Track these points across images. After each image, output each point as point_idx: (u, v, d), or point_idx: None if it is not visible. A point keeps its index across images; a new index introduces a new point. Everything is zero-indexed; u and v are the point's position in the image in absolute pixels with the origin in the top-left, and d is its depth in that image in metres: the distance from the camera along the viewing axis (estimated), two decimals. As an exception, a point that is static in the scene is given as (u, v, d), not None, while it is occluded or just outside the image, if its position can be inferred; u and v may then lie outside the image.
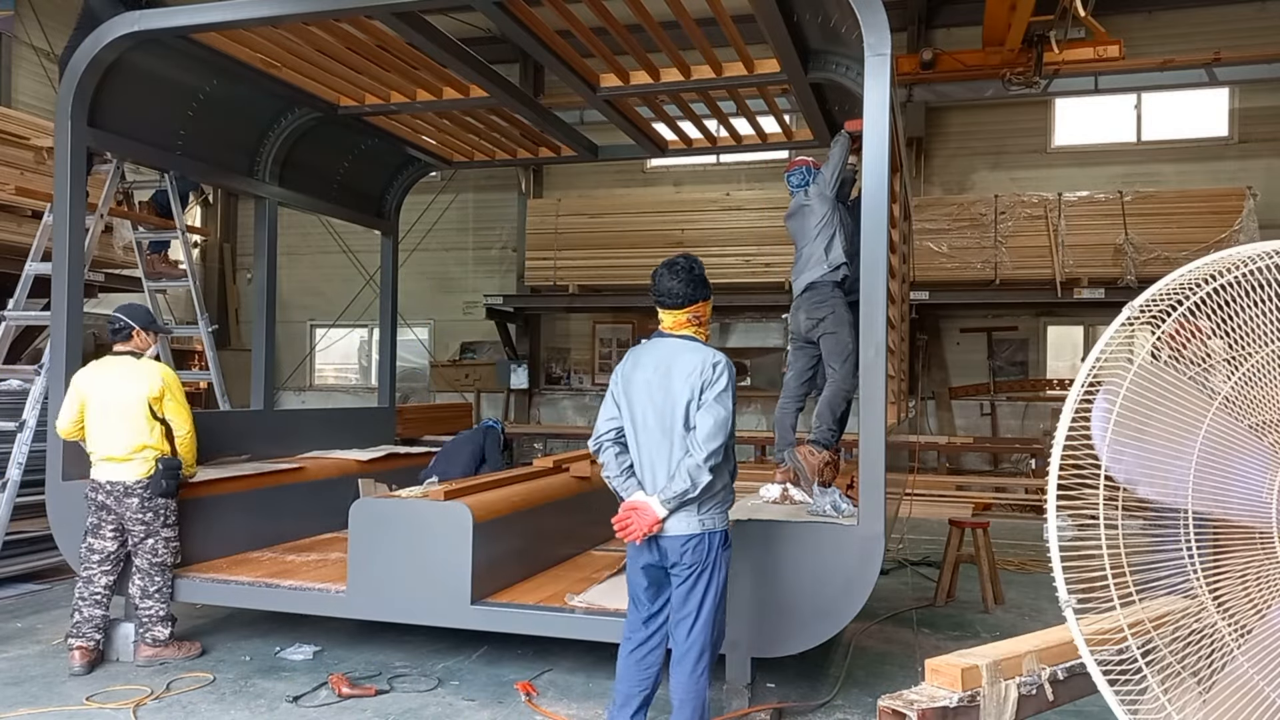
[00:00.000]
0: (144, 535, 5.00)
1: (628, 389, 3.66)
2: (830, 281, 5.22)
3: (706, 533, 3.53)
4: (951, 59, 12.37)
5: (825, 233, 5.25)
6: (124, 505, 4.95)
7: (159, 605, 5.04)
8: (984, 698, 2.61)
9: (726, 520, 3.64)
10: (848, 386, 5.13)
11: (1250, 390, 2.49)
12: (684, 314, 3.67)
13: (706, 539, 3.53)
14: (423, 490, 5.16)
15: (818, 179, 5.37)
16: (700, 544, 3.52)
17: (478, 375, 15.36)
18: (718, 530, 3.57)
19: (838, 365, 5.15)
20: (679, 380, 3.54)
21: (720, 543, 3.59)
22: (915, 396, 12.51)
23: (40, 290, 6.08)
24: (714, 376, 3.51)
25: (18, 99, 12.98)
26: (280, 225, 7.56)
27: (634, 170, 15.26)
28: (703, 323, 3.73)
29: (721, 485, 3.60)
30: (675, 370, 3.56)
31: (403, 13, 5.10)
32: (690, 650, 3.55)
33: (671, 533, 3.52)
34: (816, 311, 5.23)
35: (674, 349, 3.63)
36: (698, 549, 3.52)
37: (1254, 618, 2.43)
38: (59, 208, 5.48)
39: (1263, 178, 12.60)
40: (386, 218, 8.65)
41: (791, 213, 5.52)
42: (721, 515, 3.60)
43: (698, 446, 3.46)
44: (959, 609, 6.52)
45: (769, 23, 5.14)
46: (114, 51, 5.37)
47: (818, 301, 5.24)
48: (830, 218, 5.27)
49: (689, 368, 3.54)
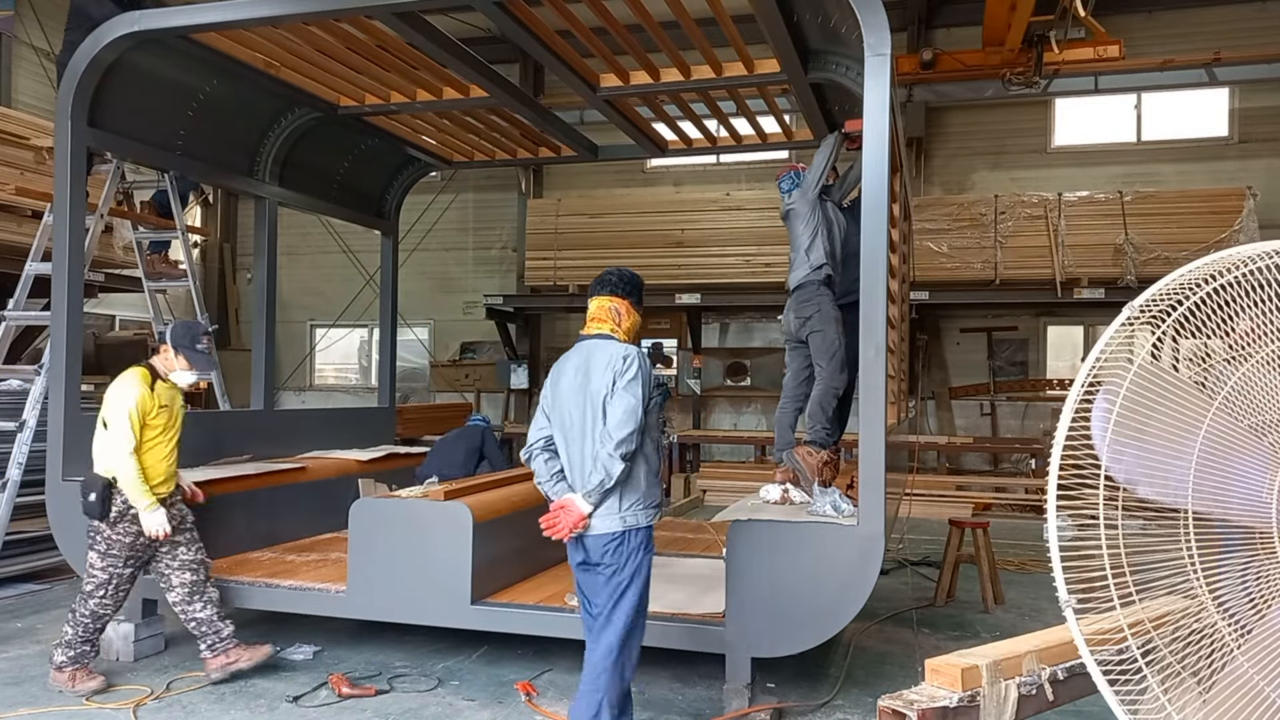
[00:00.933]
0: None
1: (555, 397, 3.72)
2: (815, 281, 5.26)
3: (628, 530, 3.56)
4: (951, 59, 12.37)
5: (807, 234, 5.29)
6: None
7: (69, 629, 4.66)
8: (984, 698, 2.61)
9: (651, 518, 3.64)
10: (836, 383, 5.19)
11: (1250, 390, 2.49)
12: (606, 302, 3.79)
13: (627, 537, 3.56)
14: (423, 490, 5.17)
15: (801, 181, 5.41)
16: (621, 543, 3.56)
17: (478, 375, 15.35)
18: (640, 528, 3.59)
19: (825, 363, 5.20)
20: (596, 376, 3.61)
21: (642, 542, 3.60)
22: (915, 396, 12.51)
23: (40, 290, 6.08)
24: (624, 367, 3.57)
25: (18, 99, 12.97)
26: (280, 225, 7.56)
27: (634, 170, 15.26)
28: (622, 324, 3.80)
29: (644, 480, 3.62)
30: (593, 368, 3.64)
31: (403, 13, 5.10)
32: (600, 645, 3.57)
33: (595, 531, 3.56)
34: (803, 311, 5.28)
35: (590, 349, 3.72)
36: (619, 548, 3.56)
37: (1254, 618, 2.43)
38: (59, 208, 5.48)
39: (1263, 178, 12.60)
40: (386, 218, 8.65)
41: (783, 216, 5.56)
42: (645, 512, 3.61)
43: (608, 436, 3.50)
44: (959, 609, 6.52)
45: (769, 23, 5.14)
46: (114, 51, 5.36)
47: (804, 300, 5.29)
48: (811, 218, 5.29)
49: (603, 362, 3.61)
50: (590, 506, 3.53)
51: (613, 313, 3.80)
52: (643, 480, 3.61)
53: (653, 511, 3.66)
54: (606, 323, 3.78)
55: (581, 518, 3.53)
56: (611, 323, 3.78)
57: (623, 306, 3.82)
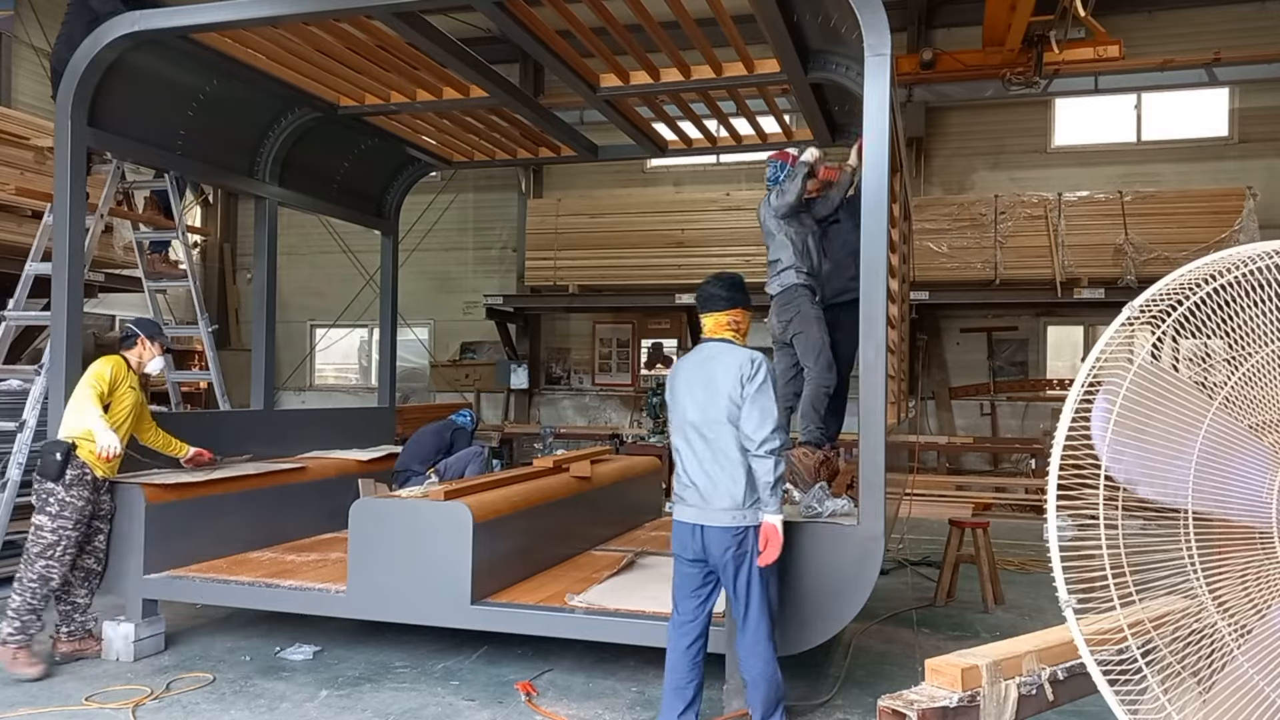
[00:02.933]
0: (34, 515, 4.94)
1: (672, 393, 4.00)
2: (792, 284, 5.34)
3: (746, 526, 3.76)
4: (951, 59, 12.37)
5: (778, 247, 5.41)
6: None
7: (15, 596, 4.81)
8: (984, 698, 2.61)
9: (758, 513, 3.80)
10: (825, 382, 5.27)
11: (1250, 390, 2.49)
12: (725, 317, 3.98)
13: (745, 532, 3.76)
14: (423, 490, 5.17)
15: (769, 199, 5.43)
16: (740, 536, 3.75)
17: (478, 375, 15.36)
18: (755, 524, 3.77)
19: (812, 363, 5.27)
20: (720, 378, 3.81)
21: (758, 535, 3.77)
22: (915, 396, 12.51)
23: (40, 290, 6.08)
24: (752, 371, 3.77)
25: (18, 99, 12.97)
26: (280, 225, 7.56)
27: (634, 170, 15.25)
28: (740, 330, 4.01)
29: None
30: (720, 370, 3.84)
31: (403, 13, 5.10)
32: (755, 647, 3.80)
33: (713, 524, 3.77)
34: (784, 314, 5.40)
35: (713, 351, 3.94)
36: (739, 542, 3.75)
37: (1254, 618, 2.43)
38: (59, 208, 5.48)
39: (1263, 178, 12.59)
40: (386, 218, 8.65)
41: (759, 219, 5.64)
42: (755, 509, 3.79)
43: (750, 440, 3.71)
44: (959, 609, 6.52)
45: (769, 23, 5.14)
46: (114, 51, 5.36)
47: (784, 305, 5.39)
48: (778, 234, 5.40)
49: (735, 365, 3.81)
50: (775, 511, 3.72)
51: (732, 323, 4.02)
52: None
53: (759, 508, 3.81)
54: (729, 332, 4.01)
55: (777, 527, 3.72)
56: (734, 331, 4.01)
57: (740, 315, 4.03)
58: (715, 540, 3.75)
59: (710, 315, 4.02)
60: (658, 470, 8.21)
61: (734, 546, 3.74)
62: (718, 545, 3.75)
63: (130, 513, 5.18)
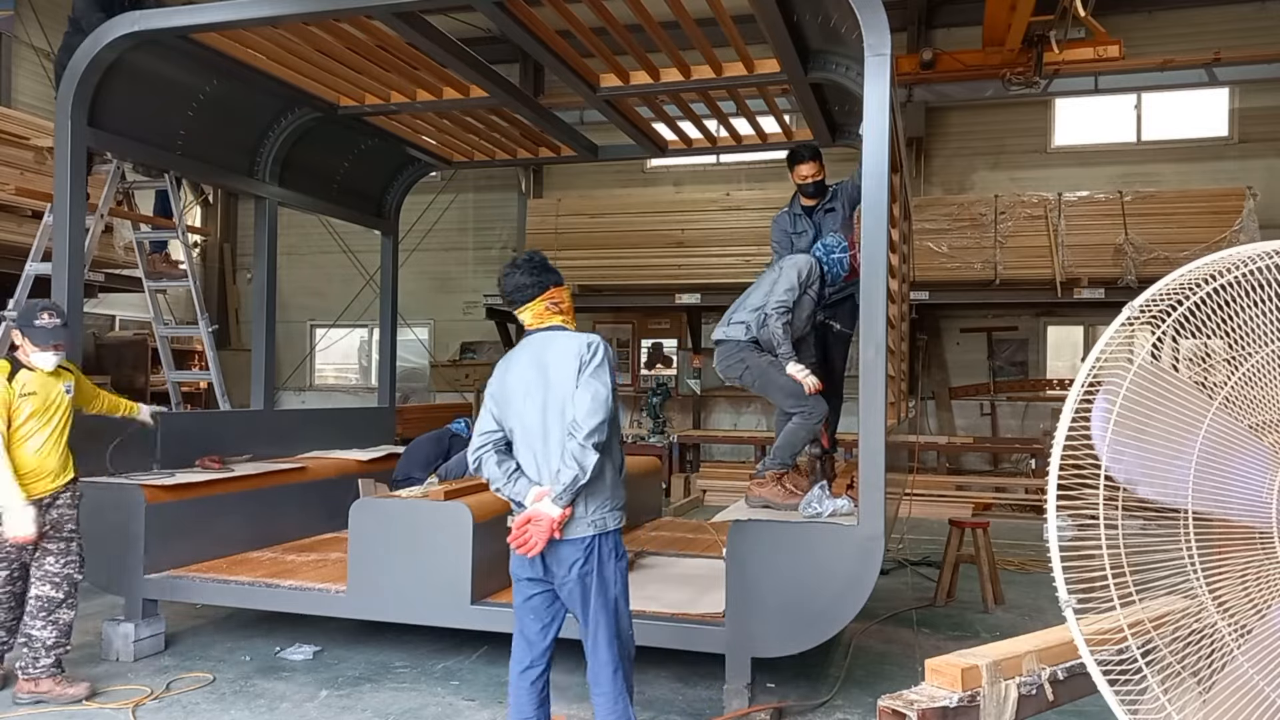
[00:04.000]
0: None
1: (503, 396, 3.46)
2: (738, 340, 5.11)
3: (600, 535, 3.33)
4: (951, 59, 12.36)
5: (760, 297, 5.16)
6: None
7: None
8: (984, 698, 2.60)
9: (619, 520, 3.42)
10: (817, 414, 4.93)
11: (1250, 390, 2.49)
12: (541, 304, 3.51)
13: (599, 543, 3.33)
14: (423, 490, 5.17)
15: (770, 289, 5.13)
16: (593, 551, 3.31)
17: (478, 375, 15.33)
18: (609, 532, 3.36)
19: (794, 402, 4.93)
20: (556, 368, 3.37)
21: (614, 548, 3.38)
22: (915, 396, 12.51)
23: (40, 290, 6.08)
24: (589, 355, 3.33)
25: (18, 99, 12.97)
26: (280, 225, 7.56)
27: (634, 170, 15.26)
28: (564, 309, 3.56)
29: (610, 479, 3.38)
30: (550, 360, 3.39)
31: (403, 13, 5.10)
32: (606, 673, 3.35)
33: (566, 537, 3.29)
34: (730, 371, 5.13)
35: (543, 340, 3.47)
36: (590, 557, 3.31)
37: (1254, 618, 2.43)
38: (59, 208, 5.48)
39: (1263, 178, 12.59)
40: (386, 218, 8.65)
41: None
42: (613, 515, 3.39)
43: (577, 427, 3.24)
44: (959, 609, 6.52)
45: (769, 23, 5.14)
46: (114, 51, 5.37)
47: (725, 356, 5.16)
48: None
49: (565, 352, 3.38)
50: (559, 506, 3.23)
51: (553, 307, 3.53)
52: (608, 480, 3.36)
53: (620, 514, 3.42)
54: (557, 316, 3.54)
55: (555, 522, 3.23)
56: (557, 314, 3.54)
57: (558, 295, 3.55)
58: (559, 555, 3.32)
59: (526, 308, 3.51)
60: (658, 470, 8.21)
61: (581, 560, 3.30)
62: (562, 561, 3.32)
63: (130, 513, 5.18)
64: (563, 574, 3.34)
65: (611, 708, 3.35)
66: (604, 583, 3.34)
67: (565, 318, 3.55)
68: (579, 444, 3.23)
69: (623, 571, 3.42)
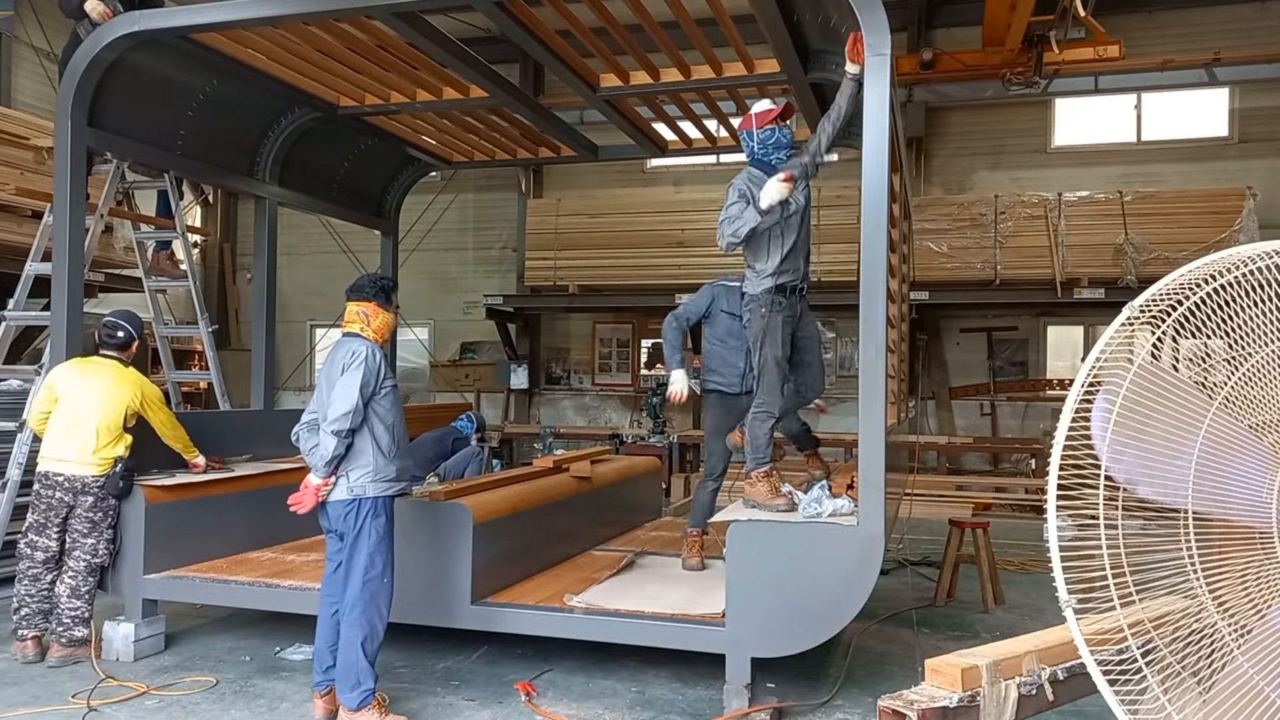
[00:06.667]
0: (88, 533, 5.03)
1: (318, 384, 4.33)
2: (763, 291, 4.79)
3: (358, 499, 4.10)
4: (951, 59, 12.36)
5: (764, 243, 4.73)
6: (78, 501, 5.00)
7: (85, 606, 5.05)
8: (984, 698, 2.61)
9: (382, 490, 4.15)
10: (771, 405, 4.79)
11: (1250, 390, 2.49)
12: (356, 307, 4.29)
13: (358, 505, 4.11)
14: (423, 490, 5.16)
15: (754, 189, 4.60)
16: (352, 510, 4.10)
17: (478, 375, 15.35)
18: (368, 498, 4.11)
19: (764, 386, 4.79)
20: (335, 367, 4.18)
21: (371, 509, 4.12)
22: (915, 396, 12.51)
23: (40, 290, 6.08)
24: (350, 360, 4.12)
25: (18, 99, 12.96)
26: (280, 225, 7.57)
27: (634, 170, 15.25)
28: (371, 324, 4.29)
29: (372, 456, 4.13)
30: (335, 360, 4.21)
31: (403, 13, 5.10)
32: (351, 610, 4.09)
33: (331, 498, 4.13)
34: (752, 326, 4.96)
35: (341, 343, 4.27)
36: (349, 514, 4.10)
37: (1254, 618, 2.43)
38: (59, 208, 5.48)
39: (1263, 178, 12.59)
40: (386, 218, 8.65)
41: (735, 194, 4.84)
42: (374, 484, 4.13)
43: (324, 416, 4.10)
44: (959, 609, 6.52)
45: (769, 23, 5.14)
46: (114, 51, 5.36)
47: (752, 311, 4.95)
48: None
49: (341, 355, 4.18)
50: (318, 478, 4.07)
51: (362, 315, 4.29)
52: (370, 457, 4.12)
53: (384, 485, 4.16)
54: (357, 323, 4.29)
55: (316, 488, 4.08)
56: (361, 323, 4.29)
57: (370, 309, 4.30)
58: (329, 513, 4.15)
59: (348, 307, 4.31)
60: (657, 470, 8.21)
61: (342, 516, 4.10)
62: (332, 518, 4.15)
63: (130, 513, 5.18)
64: (334, 527, 4.18)
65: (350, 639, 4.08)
66: (357, 536, 4.12)
67: (369, 330, 4.29)
68: (325, 430, 4.07)
69: (379, 530, 4.16)
